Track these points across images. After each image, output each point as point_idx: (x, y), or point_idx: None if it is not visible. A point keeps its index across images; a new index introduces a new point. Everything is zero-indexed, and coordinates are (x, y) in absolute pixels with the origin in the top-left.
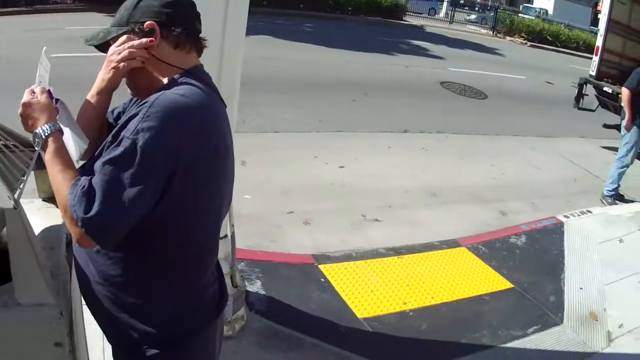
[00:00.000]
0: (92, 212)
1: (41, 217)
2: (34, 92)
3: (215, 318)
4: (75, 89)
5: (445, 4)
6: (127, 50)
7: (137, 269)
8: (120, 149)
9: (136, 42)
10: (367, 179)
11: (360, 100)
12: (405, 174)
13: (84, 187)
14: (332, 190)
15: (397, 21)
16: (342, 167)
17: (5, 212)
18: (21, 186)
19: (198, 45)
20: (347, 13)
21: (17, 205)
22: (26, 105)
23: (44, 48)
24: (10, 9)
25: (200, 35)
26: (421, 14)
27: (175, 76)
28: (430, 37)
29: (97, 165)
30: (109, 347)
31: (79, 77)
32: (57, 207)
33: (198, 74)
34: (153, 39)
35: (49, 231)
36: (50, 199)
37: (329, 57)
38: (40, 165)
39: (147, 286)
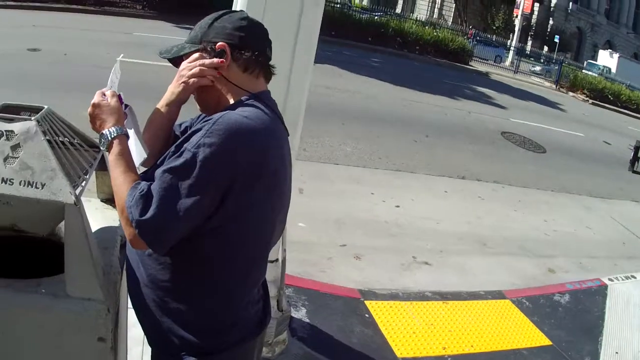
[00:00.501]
0: (147, 216)
1: (98, 217)
2: (104, 95)
3: (255, 336)
4: (137, 96)
5: (511, 52)
6: (198, 68)
7: (184, 277)
8: (180, 160)
9: (207, 61)
10: (422, 221)
11: (421, 141)
12: (459, 220)
13: (142, 190)
14: (386, 228)
15: (462, 65)
16: (397, 206)
17: (65, 207)
18: (83, 184)
19: (267, 72)
20: (414, 51)
21: (78, 202)
22: (96, 106)
23: (121, 55)
24: (78, 7)
25: (270, 62)
26: (487, 60)
27: (243, 98)
28: (495, 84)
29: (158, 172)
30: (147, 352)
31: (142, 84)
32: (114, 208)
33: (264, 99)
34: (223, 60)
35: (105, 231)
36: (108, 200)
37: (394, 93)
38: (102, 167)
39: (192, 295)
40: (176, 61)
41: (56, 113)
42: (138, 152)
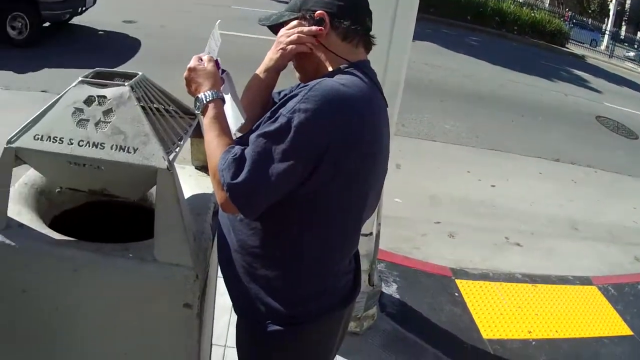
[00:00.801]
0: (239, 179)
1: (192, 183)
2: (201, 59)
3: (343, 307)
4: (233, 68)
5: (606, 36)
6: (296, 35)
7: (275, 243)
8: (275, 125)
9: (306, 28)
10: (516, 201)
11: (517, 121)
12: (552, 202)
13: (235, 154)
14: (481, 207)
15: (559, 47)
16: (493, 185)
17: (157, 172)
18: (177, 150)
19: (367, 41)
20: (512, 32)
21: (171, 167)
22: (191, 70)
23: (218, 21)
24: None
25: (370, 33)
26: (583, 43)
27: (341, 66)
28: (590, 68)
29: (252, 137)
30: (234, 322)
31: (238, 56)
32: (209, 175)
33: (363, 68)
34: (322, 27)
35: (197, 198)
36: (202, 167)
37: (491, 72)
38: (197, 134)
39: (281, 261)
40: (275, 29)
41: (150, 80)
42: (235, 118)
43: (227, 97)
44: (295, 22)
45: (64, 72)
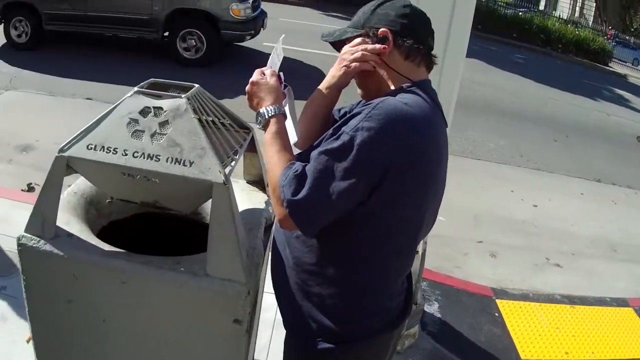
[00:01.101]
0: (299, 196)
1: (244, 198)
2: (264, 73)
3: (394, 328)
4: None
5: None
6: (360, 52)
7: (330, 261)
8: (338, 143)
9: (370, 46)
10: (557, 222)
11: (561, 141)
12: (592, 223)
13: (296, 171)
14: (523, 227)
15: (602, 66)
16: (535, 205)
17: (214, 186)
18: (232, 163)
19: (428, 61)
20: (556, 49)
21: (227, 181)
22: (254, 84)
23: (282, 35)
24: None
25: (432, 52)
26: (625, 62)
27: (404, 85)
28: (633, 88)
29: (314, 153)
30: (276, 337)
31: (290, 69)
32: (260, 190)
33: (425, 88)
34: (386, 46)
35: (249, 213)
36: (254, 182)
37: (536, 91)
38: (251, 148)
39: (337, 280)
40: (337, 45)
41: (206, 92)
42: (290, 134)
43: (287, 112)
44: (359, 40)
45: None
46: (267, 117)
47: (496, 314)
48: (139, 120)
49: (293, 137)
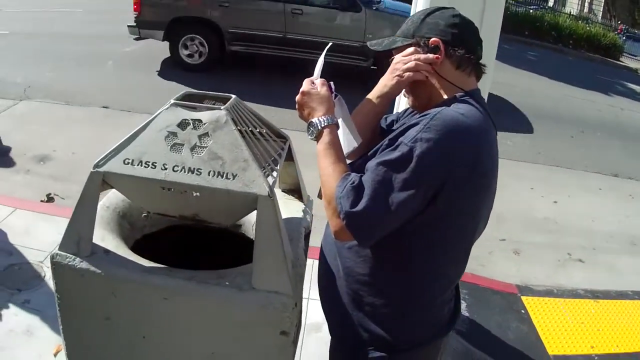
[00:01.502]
0: (358, 208)
1: (281, 207)
2: (313, 83)
3: (444, 335)
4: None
5: None
6: (413, 62)
7: (384, 272)
8: (396, 154)
9: (423, 56)
10: (577, 217)
11: (577, 136)
12: (611, 219)
13: (354, 182)
14: (545, 224)
15: (613, 61)
16: (555, 202)
17: (258, 198)
18: (274, 174)
19: (478, 70)
20: (567, 46)
21: (272, 193)
22: (305, 94)
23: (330, 44)
24: None
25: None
26: (636, 56)
27: (457, 95)
28: None
29: (371, 164)
30: (307, 342)
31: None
32: (296, 199)
33: (476, 97)
34: (438, 56)
35: (289, 223)
36: (289, 190)
37: (550, 87)
38: (287, 157)
39: (390, 290)
40: (386, 54)
41: (243, 102)
42: (347, 142)
43: (340, 122)
44: (411, 49)
45: None
46: (320, 127)
47: (522, 311)
48: (177, 134)
49: (352, 143)
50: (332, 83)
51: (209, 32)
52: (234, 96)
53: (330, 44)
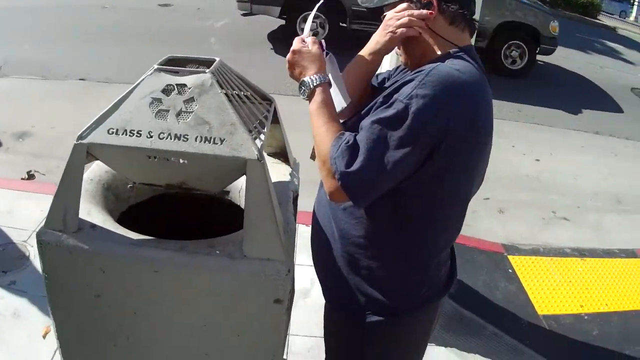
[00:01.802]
0: (354, 167)
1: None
2: (304, 41)
3: (441, 297)
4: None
5: (635, 7)
6: (406, 18)
7: (379, 232)
8: (391, 111)
9: (416, 12)
10: (560, 175)
11: (556, 94)
12: (595, 176)
13: (348, 141)
14: (528, 182)
15: (591, 19)
16: (537, 160)
17: (247, 163)
18: (262, 137)
19: (471, 26)
20: (544, 3)
21: (261, 157)
22: (296, 52)
23: (320, 1)
24: None
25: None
26: (613, 15)
27: (451, 51)
28: (622, 40)
29: (365, 123)
30: (297, 309)
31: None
32: (283, 162)
33: (471, 54)
34: (432, 11)
35: (277, 187)
36: (276, 154)
37: None
38: (273, 119)
39: (385, 251)
40: (377, 11)
41: (227, 65)
42: (337, 102)
43: (331, 80)
44: (404, 5)
45: None
46: (312, 86)
47: (509, 270)
48: (162, 100)
49: (342, 103)
50: (323, 41)
51: (330, 10)
52: (218, 59)
53: (321, 1)
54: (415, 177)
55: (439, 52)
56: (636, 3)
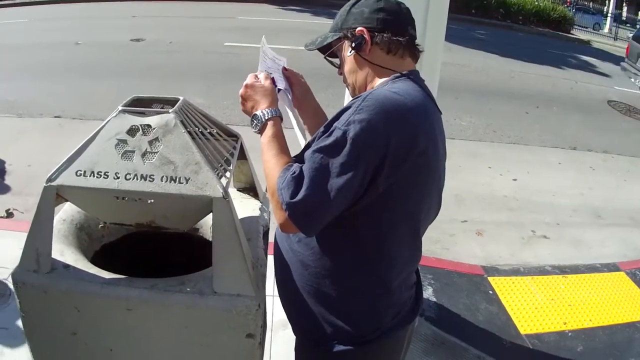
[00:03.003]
0: (298, 198)
1: (237, 206)
2: (257, 77)
3: (408, 323)
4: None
5: (609, 19)
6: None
7: (335, 261)
8: (331, 139)
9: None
10: (538, 193)
11: (532, 112)
12: (574, 192)
13: (294, 172)
14: (506, 202)
15: (564, 34)
16: (515, 179)
17: (213, 201)
18: (227, 175)
19: (413, 51)
20: (517, 22)
21: (226, 195)
22: (249, 87)
23: (263, 36)
24: None
25: (416, 41)
26: (586, 28)
27: (391, 77)
28: (597, 53)
29: (307, 153)
30: (275, 340)
31: (248, 65)
32: (252, 197)
33: (413, 78)
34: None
35: (246, 222)
36: (245, 189)
37: (501, 65)
38: (240, 155)
39: (343, 279)
40: (323, 50)
41: (191, 103)
42: (300, 131)
43: (290, 113)
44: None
45: None
46: (264, 120)
47: (490, 292)
48: (127, 141)
49: (303, 133)
50: (275, 76)
51: None
52: (181, 98)
53: (264, 37)
54: (361, 202)
55: (380, 80)
56: (610, 15)
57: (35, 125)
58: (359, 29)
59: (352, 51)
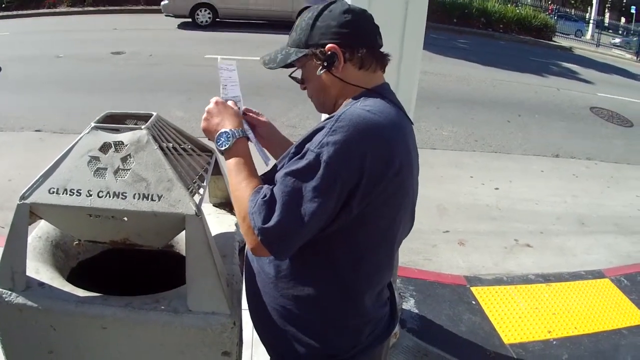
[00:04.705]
0: (271, 223)
1: (213, 222)
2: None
3: (383, 340)
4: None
5: (591, 26)
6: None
7: (308, 283)
8: (304, 162)
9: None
10: (521, 202)
11: (514, 121)
12: (557, 200)
13: (265, 196)
14: (488, 212)
15: (546, 41)
16: (497, 188)
17: (186, 218)
18: (201, 191)
19: (382, 61)
20: (498, 30)
21: (199, 212)
22: (219, 104)
23: (218, 58)
24: (157, 7)
25: (382, 49)
26: (568, 35)
27: (362, 92)
28: (579, 59)
29: (279, 175)
30: (257, 354)
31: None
32: (228, 212)
33: (383, 93)
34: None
35: (222, 238)
36: (220, 204)
37: (483, 74)
38: (215, 171)
39: (317, 301)
40: (286, 66)
41: (164, 119)
42: (263, 157)
43: (252, 136)
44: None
45: None
46: (234, 138)
47: (473, 302)
48: (100, 158)
49: (267, 159)
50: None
51: None
52: (154, 113)
53: (219, 58)
54: (334, 225)
55: (351, 98)
56: (592, 21)
57: (16, 139)
58: (329, 45)
59: (323, 69)
